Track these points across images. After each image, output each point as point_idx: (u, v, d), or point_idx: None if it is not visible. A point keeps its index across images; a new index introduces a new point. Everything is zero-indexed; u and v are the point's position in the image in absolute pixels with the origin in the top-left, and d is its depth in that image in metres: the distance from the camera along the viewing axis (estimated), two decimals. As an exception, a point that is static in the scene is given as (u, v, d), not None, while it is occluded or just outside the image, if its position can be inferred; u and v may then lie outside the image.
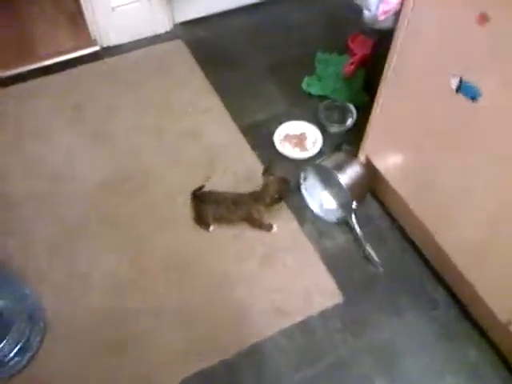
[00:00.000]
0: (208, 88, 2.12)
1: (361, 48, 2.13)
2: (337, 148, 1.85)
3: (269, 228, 1.65)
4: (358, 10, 1.41)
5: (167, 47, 2.30)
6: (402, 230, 1.66)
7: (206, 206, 1.59)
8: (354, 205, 1.58)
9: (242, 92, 2.12)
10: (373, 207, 1.73)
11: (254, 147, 1.90)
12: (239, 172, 1.82)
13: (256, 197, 1.57)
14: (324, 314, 1.49)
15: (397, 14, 1.23)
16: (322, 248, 1.63)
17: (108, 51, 2.28)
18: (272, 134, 1.92)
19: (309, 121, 1.96)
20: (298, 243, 1.64)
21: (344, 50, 2.21)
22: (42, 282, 1.52)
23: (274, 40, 2.35)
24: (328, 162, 1.61)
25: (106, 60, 2.24)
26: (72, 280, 1.55)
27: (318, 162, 1.64)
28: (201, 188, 1.64)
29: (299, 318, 1.48)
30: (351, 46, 2.18)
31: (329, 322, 1.48)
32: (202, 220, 1.64)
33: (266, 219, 1.64)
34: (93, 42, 2.28)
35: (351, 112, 1.95)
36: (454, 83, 1.13)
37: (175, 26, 2.38)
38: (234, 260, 1.60)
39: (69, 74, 2.17)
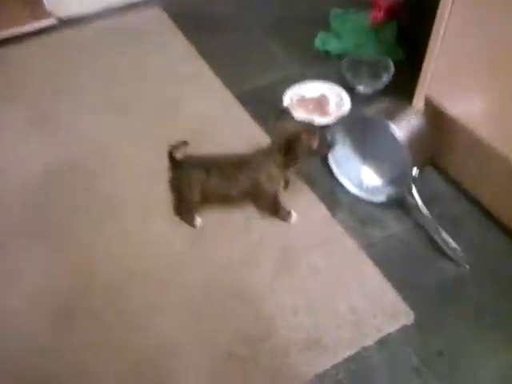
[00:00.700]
0: (192, 53, 1.63)
1: (387, -2, 1.67)
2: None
3: (286, 216, 1.09)
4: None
5: (142, 15, 1.83)
6: (486, 212, 1.10)
7: (191, 176, 1.03)
8: (415, 172, 1.03)
9: (237, 56, 1.62)
10: (436, 181, 1.18)
11: (256, 117, 1.38)
12: (239, 147, 1.28)
13: (268, 152, 1.02)
14: (385, 344, 0.91)
15: None
16: (369, 242, 1.07)
17: (67, 24, 1.81)
18: (281, 100, 1.41)
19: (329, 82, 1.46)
20: (330, 237, 1.08)
21: (364, 5, 1.74)
22: None
23: (274, 1, 1.88)
24: (369, 110, 1.07)
25: (63, 32, 1.77)
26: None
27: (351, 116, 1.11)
28: (183, 144, 1.04)
29: (347, 352, 0.90)
30: (374, -4, 1.71)
31: (394, 356, 0.90)
32: (184, 206, 1.09)
33: (284, 198, 1.09)
34: (47, 14, 1.81)
35: (387, 66, 1.44)
36: None
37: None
38: (236, 267, 1.04)
39: (11, 50, 1.68)
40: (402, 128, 1.01)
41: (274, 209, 1.08)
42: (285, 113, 1.02)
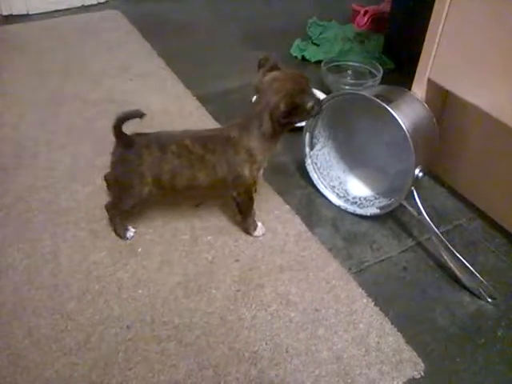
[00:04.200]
0: (149, 52, 1.43)
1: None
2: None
3: (251, 225, 0.82)
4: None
5: (96, 16, 1.64)
6: (504, 231, 0.86)
7: (143, 158, 0.74)
8: (418, 171, 0.79)
9: (204, 59, 1.43)
10: (439, 196, 0.94)
11: (217, 117, 1.14)
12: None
13: (247, 122, 0.75)
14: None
15: None
16: (358, 266, 0.81)
17: (9, 20, 1.59)
18: (250, 102, 1.17)
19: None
20: (307, 258, 0.81)
21: (346, 18, 1.59)
22: None
23: (248, 14, 1.73)
24: (365, 92, 0.84)
25: (6, 28, 1.54)
26: None
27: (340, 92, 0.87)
28: (133, 116, 0.73)
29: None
30: (357, 7, 1.56)
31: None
32: (124, 204, 0.79)
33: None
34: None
35: (373, 71, 1.25)
36: None
37: (112, -4, 1.75)
38: (178, 296, 0.75)
39: None
40: (405, 114, 0.78)
41: (248, 206, 0.80)
42: (269, 62, 0.76)
